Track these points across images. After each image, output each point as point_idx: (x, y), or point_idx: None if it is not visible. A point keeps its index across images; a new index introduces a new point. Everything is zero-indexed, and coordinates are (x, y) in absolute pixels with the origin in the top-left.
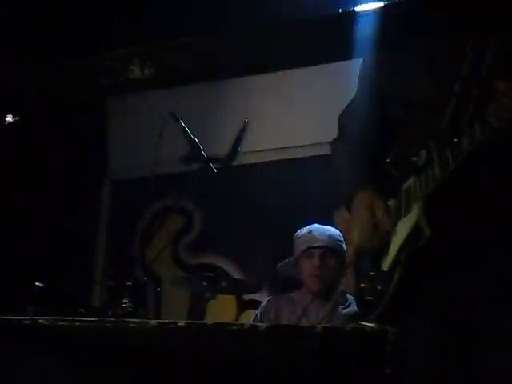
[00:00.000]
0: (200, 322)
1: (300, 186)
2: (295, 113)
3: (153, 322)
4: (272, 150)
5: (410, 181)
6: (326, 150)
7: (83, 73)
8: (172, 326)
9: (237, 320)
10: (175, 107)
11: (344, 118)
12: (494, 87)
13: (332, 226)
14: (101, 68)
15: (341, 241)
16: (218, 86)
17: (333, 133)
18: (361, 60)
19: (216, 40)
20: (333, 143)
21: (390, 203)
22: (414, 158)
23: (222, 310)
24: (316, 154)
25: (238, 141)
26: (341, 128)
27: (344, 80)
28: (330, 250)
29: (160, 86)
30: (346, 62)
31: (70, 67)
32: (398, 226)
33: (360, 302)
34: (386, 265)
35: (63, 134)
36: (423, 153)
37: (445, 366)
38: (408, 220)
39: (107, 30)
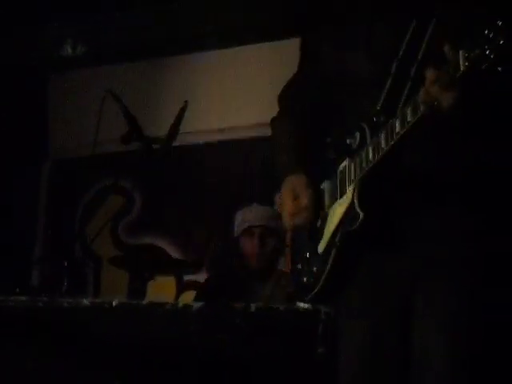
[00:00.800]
0: (134, 301)
1: (241, 166)
2: (237, 92)
3: (86, 300)
4: (213, 130)
5: (345, 163)
6: (267, 132)
7: (17, 48)
8: (106, 305)
9: (177, 299)
10: (115, 85)
11: (284, 98)
12: (424, 74)
13: (273, 206)
14: (34, 44)
15: (280, 222)
16: (158, 64)
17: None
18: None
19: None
20: (273, 121)
21: (323, 186)
22: (349, 140)
23: (161, 290)
24: (258, 134)
25: (178, 121)
26: (281, 107)
27: (287, 58)
28: (270, 229)
29: (95, 64)
30: (290, 40)
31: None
32: (333, 207)
33: (296, 283)
34: (321, 247)
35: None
36: (357, 135)
37: (379, 346)
38: (343, 202)
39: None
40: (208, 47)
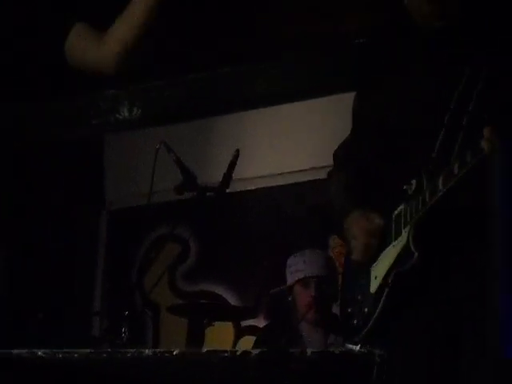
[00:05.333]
0: (194, 349)
1: (293, 211)
2: (288, 139)
3: (148, 351)
4: (265, 176)
5: (401, 207)
6: (318, 175)
7: (76, 113)
8: (167, 354)
9: (235, 346)
10: (168, 137)
11: (338, 156)
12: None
13: (325, 250)
14: (92, 108)
15: (335, 267)
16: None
17: (325, 158)
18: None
19: (203, 78)
20: (329, 175)
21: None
22: (406, 187)
23: (219, 336)
24: (309, 179)
25: (231, 169)
26: (337, 161)
27: (337, 109)
28: (325, 278)
29: (150, 125)
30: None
31: (64, 107)
32: (386, 250)
33: (346, 326)
34: (373, 287)
35: (61, 168)
36: (414, 182)
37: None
38: (397, 244)
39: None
40: (260, 106)
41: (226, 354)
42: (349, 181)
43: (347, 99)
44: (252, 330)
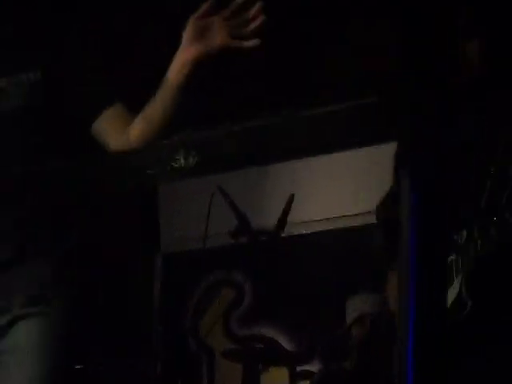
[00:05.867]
0: None
1: (348, 255)
2: (342, 183)
3: None
4: (318, 220)
5: (452, 257)
6: (370, 220)
7: (131, 163)
8: None
9: None
10: (222, 182)
11: (380, 210)
12: None
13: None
14: (148, 158)
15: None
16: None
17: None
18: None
19: (257, 128)
20: (373, 230)
21: None
22: (456, 237)
23: (274, 381)
24: (362, 223)
25: (285, 213)
26: (379, 218)
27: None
28: (380, 316)
29: (204, 174)
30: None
31: (118, 158)
32: None
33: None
34: None
35: (118, 213)
36: (464, 232)
37: None
38: (450, 294)
39: None
40: (312, 155)
41: None
42: (387, 235)
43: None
44: (307, 375)
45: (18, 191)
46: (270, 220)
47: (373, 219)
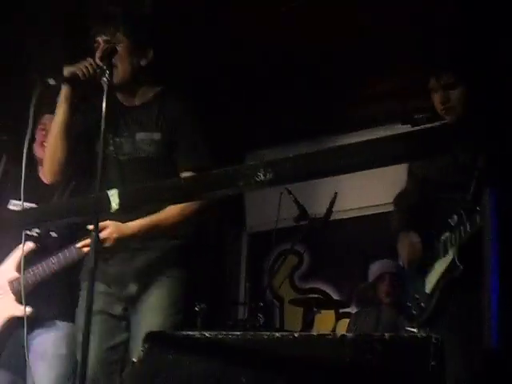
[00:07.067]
0: (308, 333)
1: (376, 234)
2: (371, 183)
3: (277, 334)
4: (354, 208)
5: (446, 234)
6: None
7: (226, 177)
8: (290, 336)
9: (335, 326)
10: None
11: (396, 203)
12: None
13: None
14: (237, 174)
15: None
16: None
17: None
18: None
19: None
20: (391, 214)
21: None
22: (449, 220)
23: (325, 320)
24: (385, 210)
25: (331, 205)
26: (395, 204)
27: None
28: (396, 274)
29: (277, 185)
30: None
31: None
32: (435, 264)
33: (407, 315)
34: (428, 289)
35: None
36: (455, 217)
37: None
38: (445, 260)
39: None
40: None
41: (329, 337)
42: (401, 215)
43: None
44: (347, 315)
45: None
46: (321, 208)
47: (389, 208)
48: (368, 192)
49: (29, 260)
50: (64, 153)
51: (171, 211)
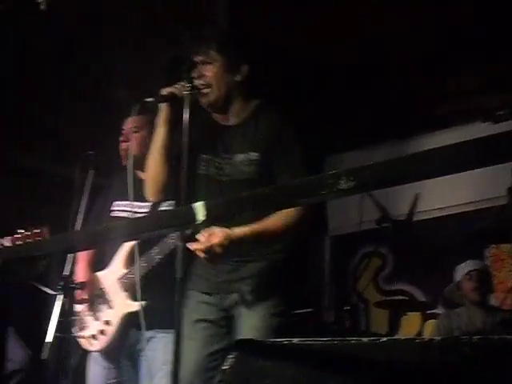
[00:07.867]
0: (395, 337)
1: (458, 232)
2: (454, 183)
3: (365, 339)
4: (436, 208)
5: None
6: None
7: (308, 187)
8: (377, 341)
9: (422, 327)
10: None
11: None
12: None
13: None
14: (319, 183)
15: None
16: None
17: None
18: None
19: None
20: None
21: None
22: None
23: (411, 321)
24: (471, 209)
25: (413, 206)
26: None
27: None
28: (483, 271)
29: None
30: None
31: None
32: None
33: (503, 321)
34: None
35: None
36: None
37: None
38: None
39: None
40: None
41: (417, 340)
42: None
43: None
44: (433, 316)
45: None
46: (403, 209)
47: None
48: (451, 191)
49: (133, 256)
50: (165, 175)
51: (273, 220)
